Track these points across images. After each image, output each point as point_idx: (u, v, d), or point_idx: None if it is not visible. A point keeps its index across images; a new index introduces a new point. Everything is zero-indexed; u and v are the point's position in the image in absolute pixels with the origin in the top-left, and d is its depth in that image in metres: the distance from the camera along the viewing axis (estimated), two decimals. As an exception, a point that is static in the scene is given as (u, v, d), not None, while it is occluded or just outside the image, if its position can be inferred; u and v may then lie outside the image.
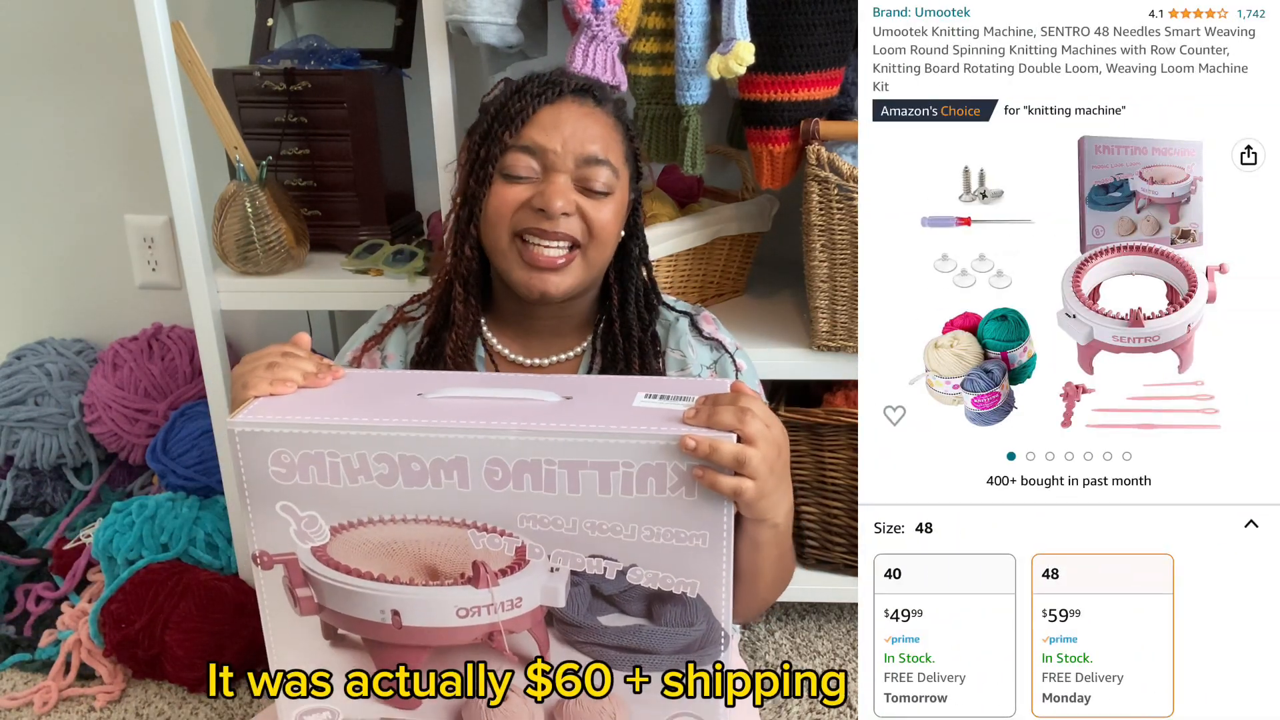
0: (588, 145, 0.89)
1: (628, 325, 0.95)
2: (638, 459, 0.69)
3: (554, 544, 0.71)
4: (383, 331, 1.00)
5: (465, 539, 0.72)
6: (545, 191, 0.89)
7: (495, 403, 0.74)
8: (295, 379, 0.77)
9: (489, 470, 0.70)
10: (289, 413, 0.73)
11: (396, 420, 0.71)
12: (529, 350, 0.97)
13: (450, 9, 1.16)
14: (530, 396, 0.75)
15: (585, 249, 0.91)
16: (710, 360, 0.97)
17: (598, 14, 0.99)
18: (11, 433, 1.67)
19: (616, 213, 0.92)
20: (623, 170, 0.93)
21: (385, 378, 0.85)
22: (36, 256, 1.81)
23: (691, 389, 0.76)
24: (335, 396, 0.77)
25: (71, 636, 1.37)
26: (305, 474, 0.72)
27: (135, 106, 1.69)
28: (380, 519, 0.73)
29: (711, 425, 0.70)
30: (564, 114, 0.90)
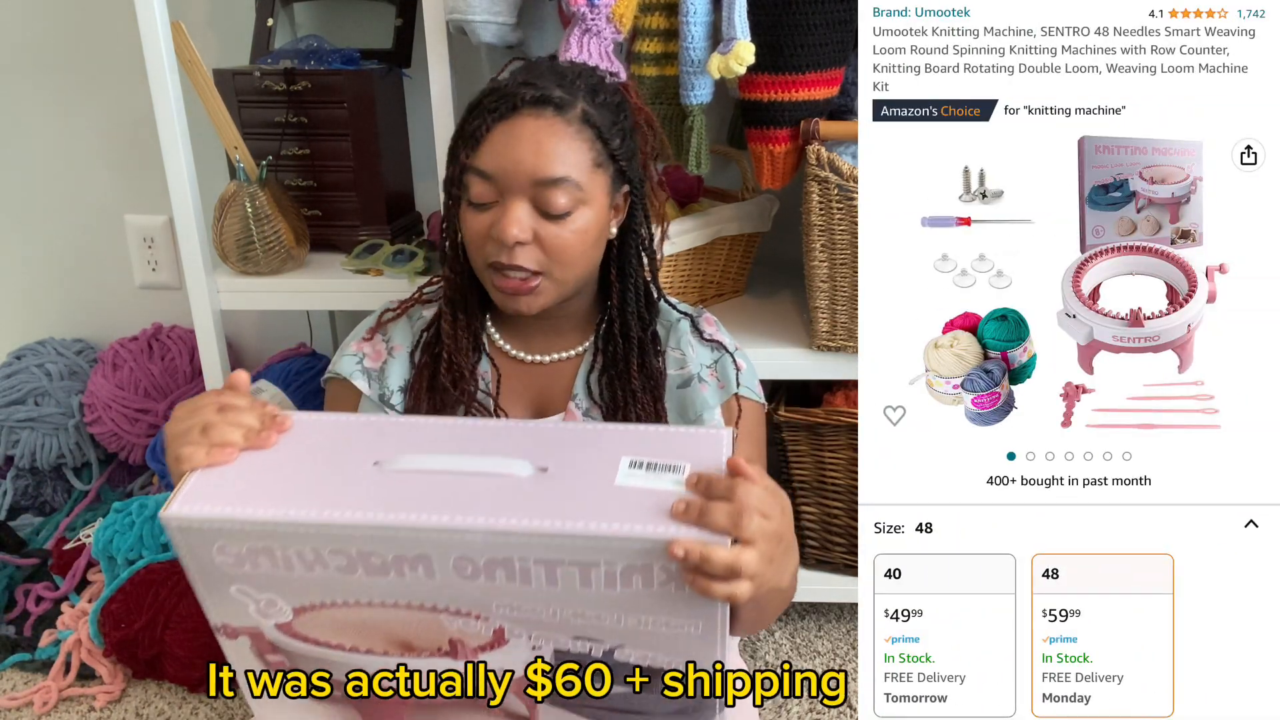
0: (543, 166, 0.84)
1: (627, 325, 0.94)
2: (620, 559, 0.63)
3: (534, 627, 0.68)
4: (390, 318, 0.99)
5: (438, 621, 0.68)
6: (500, 223, 0.85)
7: (460, 481, 0.66)
8: (235, 440, 0.69)
9: (457, 565, 0.64)
10: (230, 501, 0.65)
11: (350, 515, 0.63)
12: (530, 347, 0.97)
13: (450, 8, 1.16)
14: (499, 470, 0.67)
15: (549, 272, 0.88)
16: (710, 360, 0.97)
17: (593, 8, 0.98)
18: (11, 433, 1.67)
19: (584, 228, 0.87)
20: (593, 178, 0.87)
21: (338, 433, 0.74)
22: (36, 256, 1.81)
23: (682, 449, 0.69)
24: (282, 467, 0.68)
25: (71, 636, 1.37)
26: (255, 564, 0.66)
27: (135, 106, 1.68)
28: (345, 602, 0.68)
29: (703, 525, 0.63)
30: (518, 131, 0.85)
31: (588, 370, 0.96)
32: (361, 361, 0.96)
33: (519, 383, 0.97)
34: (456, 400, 0.93)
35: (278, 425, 0.71)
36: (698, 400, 0.94)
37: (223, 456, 0.68)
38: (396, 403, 0.95)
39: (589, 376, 0.96)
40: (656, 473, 0.67)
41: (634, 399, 0.93)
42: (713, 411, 0.94)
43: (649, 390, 0.94)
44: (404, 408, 0.95)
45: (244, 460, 0.69)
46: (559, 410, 0.96)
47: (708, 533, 0.63)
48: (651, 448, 0.69)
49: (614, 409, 0.94)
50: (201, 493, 0.66)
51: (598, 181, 0.88)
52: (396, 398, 0.95)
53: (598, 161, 0.87)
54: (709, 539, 0.62)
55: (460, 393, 0.93)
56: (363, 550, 0.64)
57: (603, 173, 0.88)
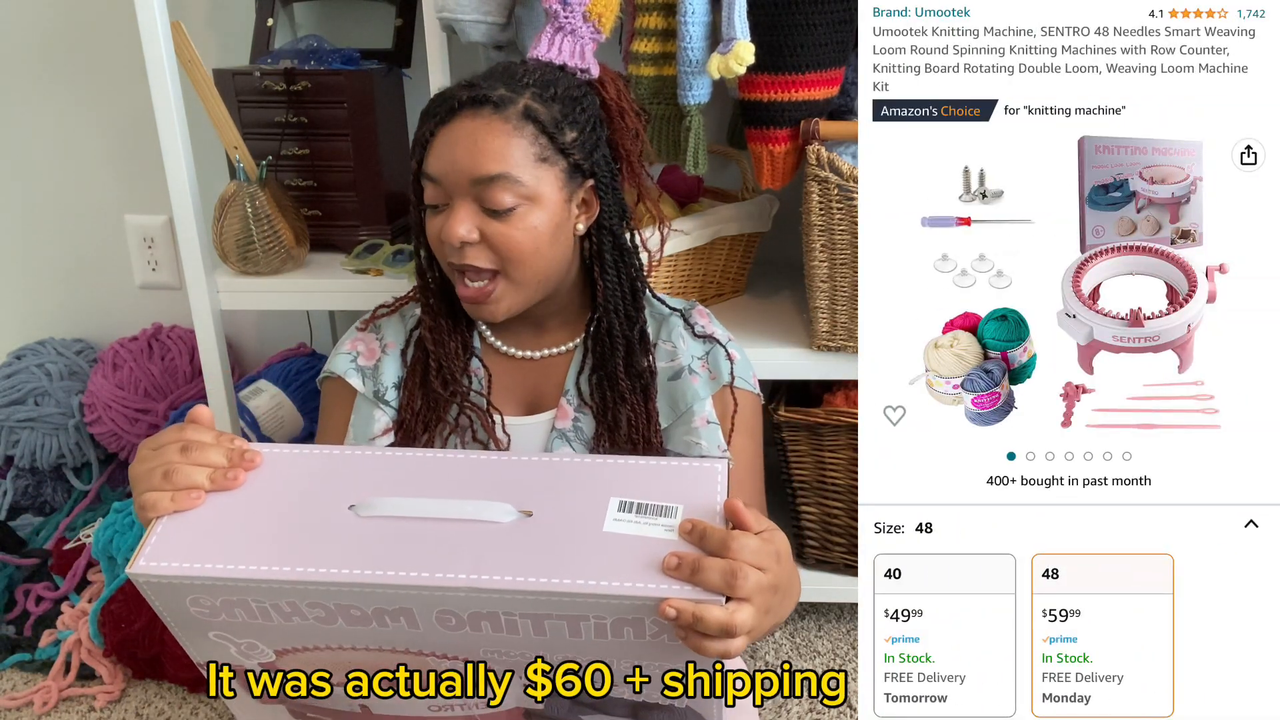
0: (479, 164, 0.84)
1: (612, 324, 0.94)
2: (610, 614, 0.61)
3: (526, 666, 0.66)
4: (384, 314, 1.00)
5: (425, 661, 0.67)
6: (446, 224, 0.86)
7: (440, 530, 0.63)
8: (201, 483, 0.66)
9: (440, 617, 0.62)
10: (200, 555, 0.62)
11: (326, 572, 0.60)
12: (520, 343, 0.97)
13: (440, 7, 1.16)
14: (481, 516, 0.64)
15: (505, 272, 0.87)
16: (701, 353, 0.97)
17: (565, 5, 0.97)
18: (11, 433, 1.67)
19: (533, 226, 0.86)
20: (539, 174, 0.86)
21: (309, 471, 0.70)
22: (36, 256, 1.81)
23: (675, 486, 0.66)
24: (252, 513, 0.65)
25: (71, 636, 1.37)
26: (231, 614, 0.64)
27: (135, 106, 1.69)
28: (328, 646, 0.66)
29: (696, 582, 0.61)
30: (456, 133, 0.85)
31: (579, 368, 0.96)
32: (355, 360, 0.97)
33: (511, 379, 0.97)
34: (448, 401, 0.93)
35: (246, 463, 0.68)
36: (688, 392, 0.94)
37: (189, 502, 0.65)
38: (391, 399, 0.95)
39: (579, 375, 0.96)
40: (647, 517, 0.64)
41: (623, 400, 0.93)
42: (703, 403, 0.94)
43: (638, 390, 0.94)
44: (398, 404, 0.95)
45: (212, 505, 0.65)
46: (551, 406, 0.96)
47: (701, 590, 0.60)
48: (642, 485, 0.66)
49: (603, 409, 0.94)
50: (169, 545, 0.63)
51: (545, 177, 0.87)
52: (391, 394, 0.95)
53: (542, 156, 0.86)
54: (702, 597, 0.60)
55: (452, 394, 0.93)
56: (341, 604, 0.62)
57: (550, 167, 0.87)
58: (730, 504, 0.66)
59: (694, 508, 0.65)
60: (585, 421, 0.95)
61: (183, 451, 0.67)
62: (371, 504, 0.65)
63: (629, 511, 0.64)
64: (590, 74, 0.95)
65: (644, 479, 0.67)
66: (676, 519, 0.64)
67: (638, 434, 0.93)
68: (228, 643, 0.67)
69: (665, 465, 0.69)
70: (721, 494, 0.67)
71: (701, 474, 0.68)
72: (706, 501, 0.66)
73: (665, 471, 0.68)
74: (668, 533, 0.63)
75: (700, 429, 0.93)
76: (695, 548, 0.63)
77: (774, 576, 0.65)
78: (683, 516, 0.64)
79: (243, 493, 0.66)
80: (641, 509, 0.64)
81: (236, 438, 0.70)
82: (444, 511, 0.64)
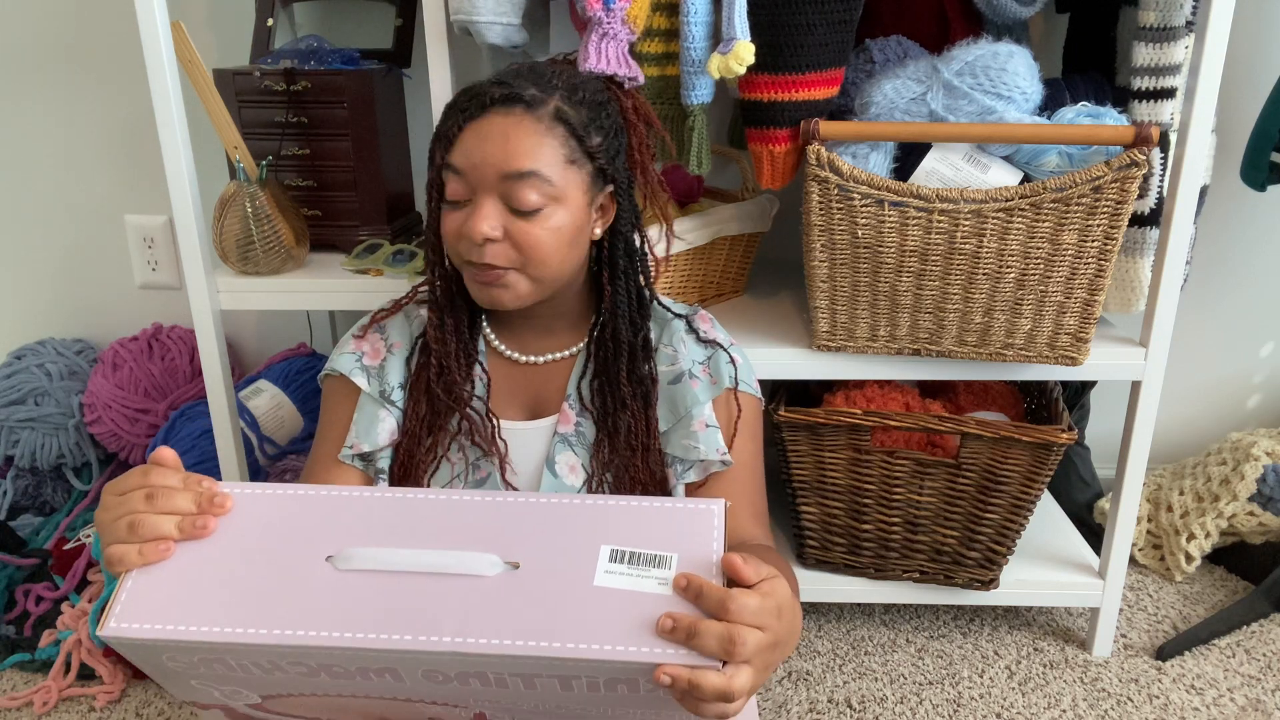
0: (511, 160, 0.83)
1: (618, 329, 0.94)
2: (602, 674, 0.58)
3: (518, 713, 0.64)
4: (383, 314, 0.99)
5: (414, 706, 0.65)
6: (469, 219, 0.85)
7: (423, 586, 0.59)
8: (168, 533, 0.63)
9: (427, 674, 0.60)
10: (172, 616, 0.59)
11: (305, 635, 0.58)
12: (524, 347, 0.98)
13: (455, 9, 1.16)
14: (466, 569, 0.60)
15: (524, 269, 0.87)
16: (703, 357, 0.97)
17: (609, 11, 0.98)
18: (11, 433, 1.67)
19: (557, 226, 0.86)
20: (566, 175, 0.86)
21: (283, 516, 0.65)
22: (36, 256, 1.81)
23: (670, 531, 0.62)
24: (225, 566, 0.62)
25: (71, 636, 1.37)
26: (210, 668, 0.61)
27: (135, 106, 1.69)
28: (314, 694, 0.64)
29: (693, 647, 0.58)
30: (487, 129, 0.84)
31: (579, 373, 0.96)
32: (360, 359, 0.96)
33: (514, 383, 0.97)
34: (449, 408, 0.93)
35: (215, 508, 0.65)
36: (688, 396, 0.94)
37: (157, 554, 0.62)
38: (397, 399, 0.95)
39: (580, 381, 0.96)
40: (640, 568, 0.60)
41: (623, 406, 0.93)
42: (702, 407, 0.94)
43: (638, 396, 0.94)
44: (404, 408, 0.95)
45: (184, 555, 0.62)
46: (553, 411, 0.96)
47: (697, 654, 0.57)
48: (635, 531, 0.62)
49: (604, 415, 0.94)
50: (140, 605, 0.60)
51: (572, 179, 0.87)
52: (397, 394, 0.95)
53: (571, 158, 0.86)
54: (699, 662, 0.57)
55: (453, 399, 0.93)
56: (323, 662, 0.59)
57: (578, 170, 0.87)
58: (728, 560, 0.62)
59: (689, 557, 0.62)
60: (587, 426, 0.95)
61: (148, 499, 0.64)
62: (349, 555, 0.61)
63: (621, 562, 0.60)
64: (638, 81, 0.96)
65: (637, 523, 0.63)
66: (671, 570, 0.60)
67: (636, 440, 0.93)
68: (210, 688, 0.65)
69: (658, 508, 0.64)
70: (719, 540, 0.63)
71: (697, 518, 0.64)
72: (703, 549, 0.62)
73: (659, 515, 0.64)
74: (661, 586, 0.59)
75: (699, 433, 0.93)
76: (691, 605, 0.60)
77: (774, 634, 0.62)
78: (677, 567, 0.61)
79: (215, 541, 0.63)
80: (634, 559, 0.61)
81: (204, 478, 0.67)
82: (427, 564, 0.61)
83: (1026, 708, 1.31)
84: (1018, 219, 1.13)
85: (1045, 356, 1.22)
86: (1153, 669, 1.38)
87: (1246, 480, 1.53)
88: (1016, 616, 1.50)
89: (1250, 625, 1.47)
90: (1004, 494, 1.27)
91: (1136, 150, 1.08)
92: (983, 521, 1.30)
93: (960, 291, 1.18)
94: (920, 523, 1.32)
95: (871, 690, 1.35)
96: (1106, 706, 1.31)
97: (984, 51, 1.12)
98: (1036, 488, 1.26)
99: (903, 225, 1.14)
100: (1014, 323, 1.20)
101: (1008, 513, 1.29)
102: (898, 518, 1.32)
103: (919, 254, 1.16)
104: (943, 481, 1.29)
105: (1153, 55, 1.14)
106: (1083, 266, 1.15)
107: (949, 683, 1.36)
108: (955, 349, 1.23)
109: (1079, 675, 1.37)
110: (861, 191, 1.14)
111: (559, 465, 0.94)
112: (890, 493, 1.31)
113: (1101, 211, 1.12)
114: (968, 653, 1.42)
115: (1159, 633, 1.46)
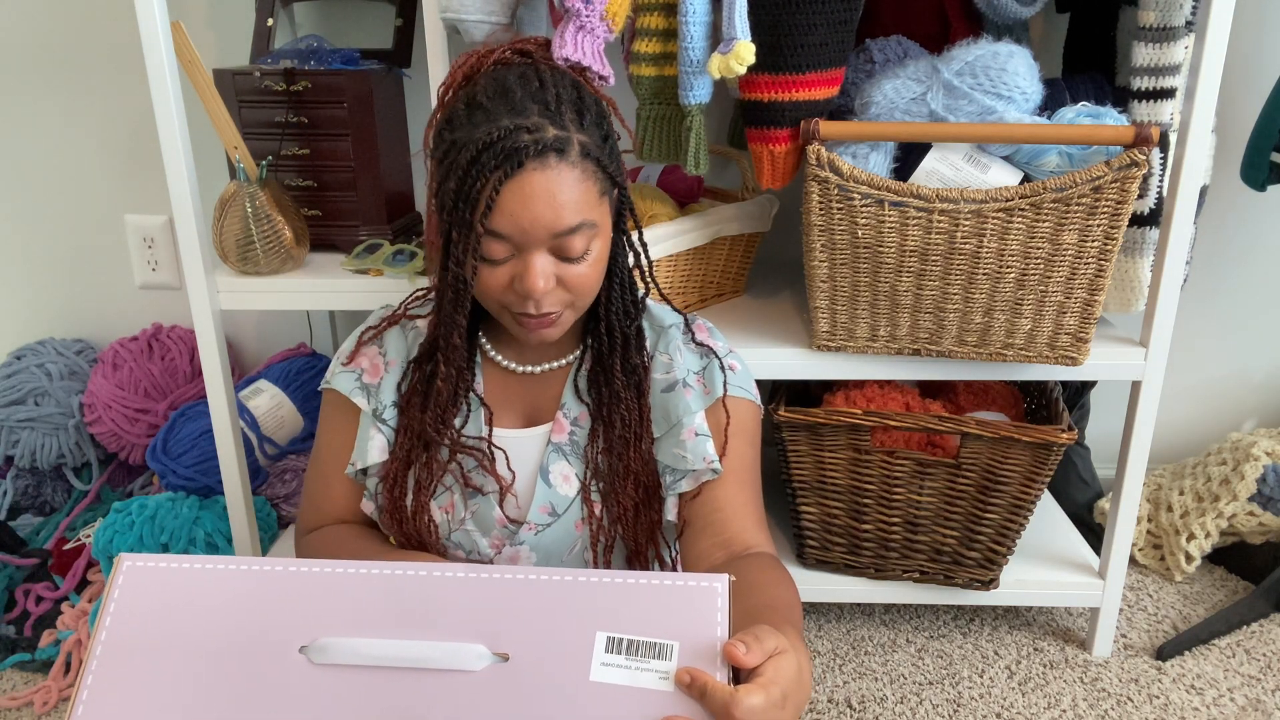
0: (561, 219, 0.82)
1: (612, 322, 0.94)
2: None
3: None
4: (378, 329, 1.00)
5: None
6: (523, 277, 0.84)
7: (405, 685, 0.55)
8: None
9: None
10: (140, 711, 0.56)
11: None
12: (523, 358, 0.98)
13: (444, 7, 1.16)
14: (452, 663, 0.56)
15: (572, 306, 0.89)
16: (699, 367, 0.97)
17: (587, 4, 0.97)
18: (11, 433, 1.67)
19: (600, 257, 0.88)
20: (601, 207, 0.86)
21: (255, 595, 0.60)
22: (36, 256, 1.81)
23: (670, 612, 0.58)
24: (189, 662, 0.58)
25: (71, 636, 1.37)
26: None
27: (135, 106, 1.69)
28: None
29: None
30: (529, 188, 0.81)
31: (575, 373, 0.97)
32: (360, 378, 0.97)
33: (508, 393, 0.98)
34: (438, 443, 0.94)
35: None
36: (680, 405, 0.94)
37: None
38: (388, 417, 0.96)
39: (576, 376, 0.96)
40: (638, 659, 0.56)
41: (617, 398, 0.93)
42: (693, 416, 0.94)
43: (632, 387, 0.94)
44: (398, 426, 0.96)
45: (144, 649, 0.58)
46: (548, 419, 0.96)
47: None
48: (633, 612, 0.58)
49: (599, 406, 0.94)
50: (104, 710, 0.56)
51: (604, 208, 0.88)
52: (389, 413, 0.96)
53: (603, 191, 0.86)
54: None
55: (441, 436, 0.94)
56: None
57: (606, 197, 0.88)
58: (728, 652, 0.57)
59: (691, 644, 0.57)
60: (580, 435, 0.95)
61: None
62: (325, 647, 0.57)
63: (618, 652, 0.56)
64: (609, 81, 0.95)
65: (634, 604, 0.59)
66: (672, 660, 0.56)
67: (630, 430, 0.93)
68: None
69: (657, 586, 0.59)
70: (723, 622, 0.59)
71: (699, 597, 0.59)
72: (705, 633, 0.58)
73: (658, 595, 0.59)
74: (662, 681, 0.55)
75: (688, 441, 0.93)
76: (694, 704, 0.56)
77: (783, 708, 0.58)
78: (679, 656, 0.56)
79: (182, 624, 0.59)
80: (632, 648, 0.57)
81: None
82: (410, 658, 0.56)
83: (1026, 708, 1.31)
84: (1018, 219, 1.13)
85: (1045, 356, 1.22)
86: (1153, 669, 1.38)
87: (1246, 480, 1.53)
88: (1016, 616, 1.50)
89: (1250, 625, 1.47)
90: (1004, 494, 1.27)
91: (1136, 150, 1.09)
92: (983, 521, 1.30)
93: (960, 291, 1.18)
94: (920, 523, 1.32)
95: (871, 690, 1.35)
96: (1106, 706, 1.31)
97: (984, 51, 1.12)
98: (1036, 488, 1.26)
99: (903, 225, 1.14)
100: (1014, 323, 1.20)
101: (1008, 513, 1.29)
102: (898, 518, 1.32)
103: (919, 254, 1.16)
104: (943, 481, 1.29)
105: (1152, 55, 1.14)
106: (1083, 266, 1.15)
107: (949, 683, 1.36)
108: (955, 349, 1.23)
109: (1079, 675, 1.37)
110: (861, 191, 1.14)
111: (552, 474, 0.94)
112: (890, 493, 1.31)
113: (1101, 212, 1.12)
114: (968, 653, 1.42)
115: (1159, 633, 1.46)
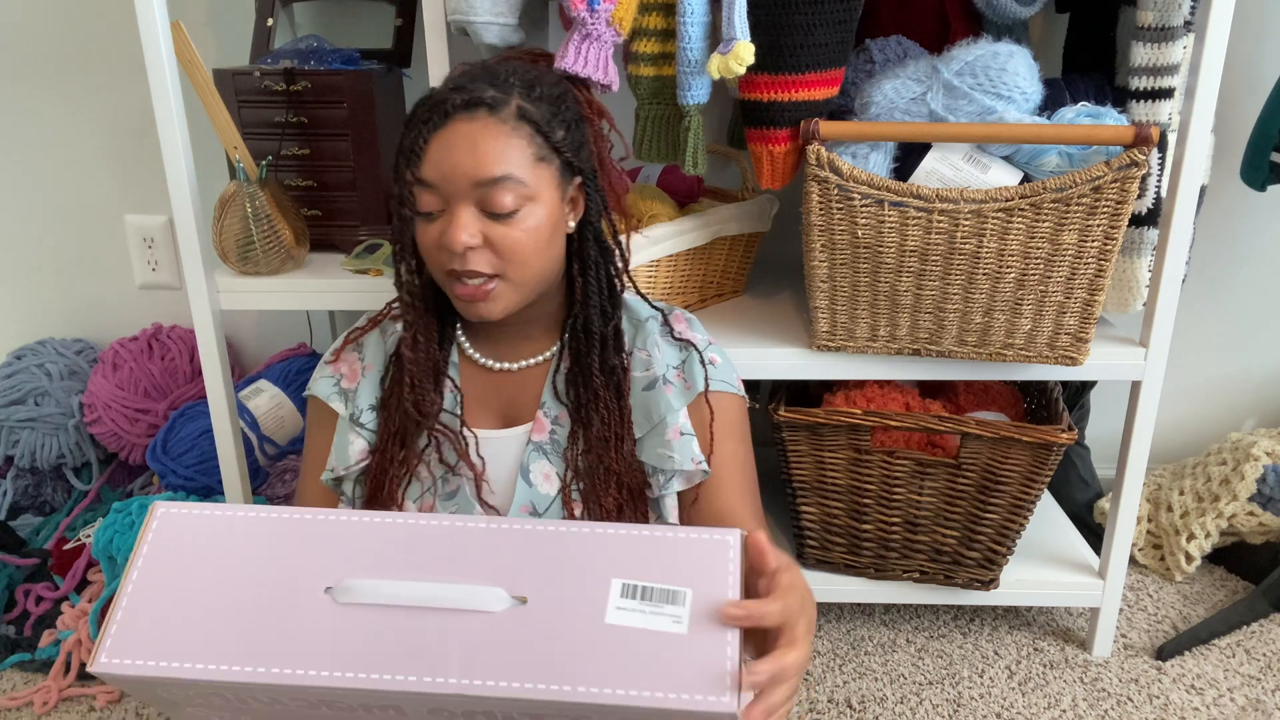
0: (482, 167, 0.83)
1: (589, 321, 0.93)
2: (614, 717, 0.56)
3: None
4: (359, 332, 0.99)
5: None
6: (447, 230, 0.84)
7: (427, 623, 0.57)
8: None
9: (433, 711, 0.58)
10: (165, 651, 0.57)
11: (306, 675, 0.56)
12: (499, 354, 0.97)
13: (452, 9, 1.16)
14: (471, 604, 0.58)
15: (505, 274, 0.87)
16: (678, 361, 0.96)
17: (593, 12, 0.98)
18: (11, 433, 1.67)
19: (535, 226, 0.86)
20: (538, 173, 0.86)
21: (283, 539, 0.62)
22: (36, 256, 1.81)
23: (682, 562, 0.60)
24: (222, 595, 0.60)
25: (71, 636, 1.37)
26: (208, 701, 0.59)
27: (135, 106, 1.69)
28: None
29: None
30: (453, 137, 0.83)
31: (553, 372, 0.96)
32: (338, 383, 0.97)
33: (486, 391, 0.97)
34: (419, 425, 0.93)
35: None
36: (661, 403, 0.94)
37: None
38: (366, 421, 0.95)
39: (555, 376, 0.96)
40: (653, 604, 0.58)
41: (596, 398, 0.93)
42: (676, 414, 0.93)
43: (610, 387, 0.93)
44: (375, 425, 0.95)
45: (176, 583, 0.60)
46: (527, 419, 0.96)
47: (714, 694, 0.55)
48: (647, 562, 0.59)
49: (578, 408, 0.94)
50: (131, 638, 0.58)
51: (543, 176, 0.87)
52: (366, 416, 0.96)
53: (540, 156, 0.86)
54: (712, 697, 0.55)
55: (422, 414, 0.93)
56: (324, 699, 0.57)
57: (548, 166, 0.87)
58: (755, 539, 0.60)
59: (704, 592, 0.59)
60: (561, 434, 0.94)
61: None
62: (349, 588, 0.59)
63: (633, 597, 0.58)
64: (611, 88, 0.95)
65: (648, 554, 0.60)
66: (685, 607, 0.58)
67: (609, 430, 0.92)
68: (209, 715, 0.63)
69: (671, 538, 0.61)
70: (735, 574, 0.60)
71: (713, 549, 0.61)
72: (718, 585, 0.59)
73: (672, 546, 0.61)
74: (675, 625, 0.57)
75: (674, 441, 0.92)
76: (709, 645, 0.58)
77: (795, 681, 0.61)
78: (691, 602, 0.58)
79: (209, 567, 0.61)
80: (647, 594, 0.58)
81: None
82: (431, 598, 0.58)
83: (1026, 708, 1.31)
84: (1018, 219, 1.13)
85: (1045, 356, 1.22)
86: (1153, 669, 1.38)
87: (1246, 480, 1.53)
88: (1016, 616, 1.50)
89: (1250, 625, 1.47)
90: (1004, 494, 1.27)
91: (1136, 150, 1.09)
92: (983, 521, 1.30)
93: (960, 291, 1.18)
94: (920, 523, 1.32)
95: (871, 690, 1.35)
96: (1106, 706, 1.31)
97: (984, 51, 1.12)
98: (1036, 488, 1.26)
99: (903, 225, 1.14)
100: (1014, 323, 1.20)
101: (1008, 513, 1.29)
102: (898, 518, 1.32)
103: (919, 254, 1.16)
104: (943, 481, 1.29)
105: (1151, 55, 1.14)
106: (1082, 266, 1.15)
107: (949, 683, 1.36)
108: (955, 349, 1.23)
109: (1079, 675, 1.37)
110: (861, 191, 1.14)
111: (533, 474, 0.93)
112: (890, 493, 1.31)
113: (1101, 211, 1.12)
114: (968, 653, 1.42)
115: (1159, 633, 1.46)
